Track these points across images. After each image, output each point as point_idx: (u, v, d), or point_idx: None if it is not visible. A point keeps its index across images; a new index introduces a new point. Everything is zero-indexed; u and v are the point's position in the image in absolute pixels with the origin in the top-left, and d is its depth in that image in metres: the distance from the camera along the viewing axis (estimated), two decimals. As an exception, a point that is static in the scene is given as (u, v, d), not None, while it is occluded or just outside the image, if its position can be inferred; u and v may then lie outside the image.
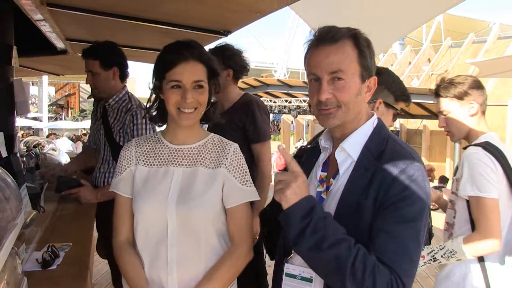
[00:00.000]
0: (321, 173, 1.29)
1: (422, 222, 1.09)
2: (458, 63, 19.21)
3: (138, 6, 2.56)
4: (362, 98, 1.20)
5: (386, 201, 1.09)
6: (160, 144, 1.50)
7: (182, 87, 1.37)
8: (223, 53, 2.50)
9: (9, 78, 2.86)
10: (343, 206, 1.16)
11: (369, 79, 1.19)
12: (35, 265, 1.62)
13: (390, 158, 1.13)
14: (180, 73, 1.36)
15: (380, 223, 1.08)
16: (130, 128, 2.42)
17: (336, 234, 1.06)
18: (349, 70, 1.15)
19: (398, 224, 1.06)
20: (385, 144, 1.18)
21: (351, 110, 1.18)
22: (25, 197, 2.00)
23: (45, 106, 25.31)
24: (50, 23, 2.97)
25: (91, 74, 2.54)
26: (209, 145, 1.48)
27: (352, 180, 1.17)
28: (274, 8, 2.22)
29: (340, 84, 1.15)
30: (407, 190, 1.08)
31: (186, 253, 1.39)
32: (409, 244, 1.06)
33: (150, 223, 1.41)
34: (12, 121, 2.82)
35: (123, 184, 1.50)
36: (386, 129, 1.24)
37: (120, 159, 1.52)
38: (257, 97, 2.65)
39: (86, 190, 2.43)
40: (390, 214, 1.08)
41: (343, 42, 1.15)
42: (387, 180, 1.10)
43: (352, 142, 1.21)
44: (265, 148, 2.50)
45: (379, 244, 1.07)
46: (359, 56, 1.16)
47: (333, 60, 1.14)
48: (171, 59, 1.37)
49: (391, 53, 24.25)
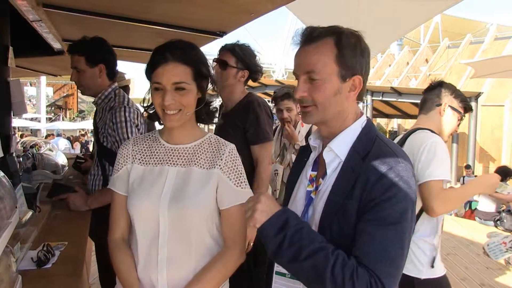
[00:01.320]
0: (311, 172, 1.30)
1: (405, 223, 1.08)
2: (455, 64, 19.27)
3: (133, 7, 2.57)
4: (344, 97, 1.19)
5: (369, 202, 1.09)
6: (157, 143, 1.50)
7: (163, 89, 1.37)
8: (243, 51, 2.41)
9: (5, 78, 2.88)
10: (329, 207, 1.16)
11: (351, 78, 1.18)
12: (30, 263, 1.63)
13: (375, 159, 1.13)
14: (160, 75, 1.36)
15: (363, 225, 1.09)
16: (111, 127, 2.30)
17: (313, 244, 1.07)
18: (324, 70, 1.15)
19: (379, 226, 1.07)
20: (372, 145, 1.18)
21: (328, 109, 1.19)
22: (21, 197, 2.01)
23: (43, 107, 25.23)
24: (47, 24, 2.98)
25: (76, 70, 2.42)
26: (205, 145, 1.47)
27: (339, 181, 1.17)
28: (268, 9, 2.23)
29: (316, 83, 1.17)
30: (390, 191, 1.08)
31: (177, 253, 1.39)
32: (390, 246, 1.06)
33: (143, 222, 1.42)
34: (9, 122, 2.83)
35: (119, 182, 1.51)
36: (374, 129, 1.24)
37: (117, 157, 1.53)
38: (260, 97, 2.51)
39: (76, 196, 2.35)
40: (372, 215, 1.08)
41: (323, 41, 1.16)
42: (371, 180, 1.10)
43: (339, 142, 1.21)
44: (264, 150, 2.39)
45: (361, 245, 1.08)
46: (338, 55, 1.15)
47: (309, 60, 1.16)
48: (153, 61, 1.38)
49: (389, 53, 24.30)
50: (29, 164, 3.11)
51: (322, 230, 1.16)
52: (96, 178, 2.46)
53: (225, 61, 2.38)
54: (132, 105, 2.41)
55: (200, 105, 1.46)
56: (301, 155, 1.43)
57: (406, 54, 23.65)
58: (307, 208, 1.25)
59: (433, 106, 2.16)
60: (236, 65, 2.39)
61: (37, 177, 3.10)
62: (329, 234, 1.14)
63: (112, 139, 2.32)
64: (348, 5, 5.40)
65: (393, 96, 15.13)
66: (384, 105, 17.02)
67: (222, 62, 2.38)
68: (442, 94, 2.14)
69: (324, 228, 1.16)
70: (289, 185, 1.40)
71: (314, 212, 1.21)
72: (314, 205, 1.22)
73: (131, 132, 2.28)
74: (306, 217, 1.24)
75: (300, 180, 1.34)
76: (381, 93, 15.51)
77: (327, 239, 1.12)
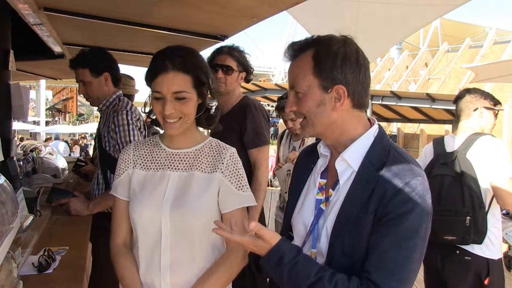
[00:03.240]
0: (321, 180, 1.28)
1: (418, 239, 1.08)
2: (454, 68, 19.30)
3: (135, 10, 2.57)
4: (329, 108, 1.16)
5: (384, 217, 1.08)
6: (158, 148, 1.50)
7: (163, 98, 1.36)
8: (240, 54, 2.42)
9: (6, 82, 2.87)
10: (342, 219, 1.14)
11: (333, 88, 1.15)
12: (31, 269, 1.63)
13: (391, 171, 1.12)
14: (160, 84, 1.35)
15: (376, 239, 1.08)
16: (114, 130, 2.29)
17: (308, 279, 1.07)
18: (304, 83, 1.16)
19: (393, 242, 1.06)
20: (386, 155, 1.16)
21: (315, 121, 1.18)
22: (22, 201, 2.00)
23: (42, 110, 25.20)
24: (47, 27, 2.98)
25: (82, 83, 2.45)
26: (206, 150, 1.47)
27: (352, 192, 1.15)
28: (269, 13, 2.22)
29: (300, 96, 1.18)
30: (405, 206, 1.07)
31: (180, 257, 1.39)
32: (401, 262, 1.06)
33: (145, 227, 1.42)
34: (9, 125, 2.82)
35: (121, 187, 1.51)
36: (387, 138, 1.22)
37: (119, 162, 1.52)
38: (256, 100, 2.51)
39: (76, 201, 2.34)
40: (386, 230, 1.07)
41: (303, 55, 1.17)
42: (388, 195, 1.09)
43: (352, 152, 1.19)
44: (262, 154, 2.36)
45: (373, 261, 1.07)
46: (314, 67, 1.14)
47: (292, 75, 1.19)
48: (153, 70, 1.37)
49: (388, 57, 24.34)
50: (29, 168, 3.10)
51: (333, 243, 1.15)
52: (99, 185, 2.45)
53: (230, 67, 2.37)
54: (135, 109, 2.42)
55: (200, 110, 1.46)
56: (305, 158, 1.40)
57: (405, 58, 23.68)
58: (317, 219, 1.23)
59: (471, 112, 2.49)
60: (238, 69, 2.39)
61: (37, 181, 3.10)
62: (341, 247, 1.13)
63: (113, 142, 2.30)
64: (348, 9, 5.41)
65: (392, 100, 15.13)
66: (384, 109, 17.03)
67: (227, 68, 2.37)
68: (474, 100, 2.49)
69: (336, 240, 1.14)
70: (294, 189, 1.37)
71: (325, 224, 1.19)
72: (325, 216, 1.20)
73: (133, 135, 2.26)
74: (316, 228, 1.22)
75: (308, 187, 1.31)
76: (381, 97, 15.51)
77: (339, 251, 1.12)
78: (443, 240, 2.31)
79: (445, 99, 12.67)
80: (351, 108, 1.19)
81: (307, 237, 1.23)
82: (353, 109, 1.19)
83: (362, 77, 1.18)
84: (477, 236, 2.26)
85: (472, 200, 2.26)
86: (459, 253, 2.33)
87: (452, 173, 2.34)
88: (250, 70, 2.46)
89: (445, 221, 2.27)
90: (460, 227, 2.27)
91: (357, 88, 1.17)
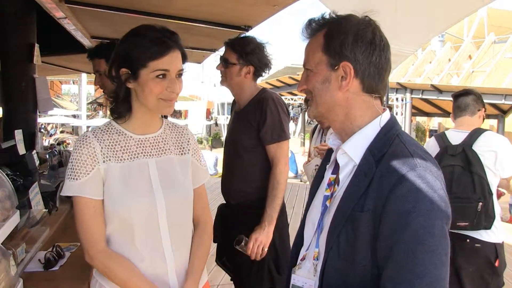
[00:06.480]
0: (330, 175, 1.17)
1: (434, 240, 0.90)
2: (501, 59, 18.34)
3: (156, 2, 2.52)
4: (335, 87, 1.06)
5: (385, 217, 0.93)
6: (123, 136, 1.39)
7: (168, 76, 1.33)
8: (244, 47, 2.23)
9: (31, 75, 2.90)
10: (337, 217, 1.03)
11: (339, 64, 1.04)
12: (38, 265, 1.59)
13: (390, 162, 0.97)
14: (168, 63, 1.32)
15: (385, 248, 0.93)
16: None
17: None
18: (313, 60, 1.09)
19: (405, 251, 0.90)
20: (389, 145, 1.02)
21: (318, 99, 1.09)
22: (36, 196, 1.99)
23: (83, 104, 26.10)
24: (72, 21, 2.99)
25: (98, 74, 2.37)
26: (168, 131, 1.47)
27: (350, 188, 1.03)
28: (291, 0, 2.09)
29: (308, 74, 1.11)
30: (407, 203, 0.91)
31: (178, 241, 1.40)
32: (422, 272, 0.89)
33: (141, 219, 1.34)
34: (34, 119, 2.85)
35: (90, 187, 1.34)
36: (396, 127, 1.07)
37: (80, 157, 1.34)
38: (275, 93, 2.31)
39: None
40: (393, 237, 0.92)
41: (319, 32, 1.10)
42: (384, 190, 0.94)
43: (354, 143, 1.06)
44: (281, 150, 2.20)
45: (390, 276, 0.92)
46: (324, 44, 1.07)
47: (305, 54, 1.14)
48: (159, 48, 1.31)
49: (429, 50, 23.45)
50: (56, 161, 3.11)
51: (329, 243, 1.03)
52: None
53: (228, 59, 2.23)
54: None
55: None
56: (326, 156, 1.29)
57: (448, 50, 22.73)
58: (322, 217, 1.12)
59: (475, 110, 2.66)
60: (238, 62, 2.22)
61: (63, 175, 3.11)
62: (337, 248, 1.01)
63: None
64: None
65: (433, 94, 14.61)
66: (424, 103, 16.45)
67: (225, 60, 2.24)
68: (479, 101, 2.68)
69: (331, 241, 1.02)
70: (313, 185, 1.28)
71: (327, 223, 1.07)
72: (329, 214, 1.09)
73: None
74: (320, 227, 1.11)
75: (322, 183, 1.21)
76: (421, 91, 15.02)
77: (334, 253, 1.01)
78: (456, 227, 2.43)
79: (489, 92, 12.05)
80: (360, 91, 1.06)
81: (314, 237, 1.14)
82: (363, 93, 1.07)
83: (376, 58, 1.05)
84: (487, 222, 2.45)
85: (482, 187, 2.43)
86: (469, 241, 2.51)
87: (461, 164, 2.51)
88: (259, 65, 2.26)
89: (457, 207, 2.35)
90: (472, 213, 2.43)
91: (368, 70, 1.05)
